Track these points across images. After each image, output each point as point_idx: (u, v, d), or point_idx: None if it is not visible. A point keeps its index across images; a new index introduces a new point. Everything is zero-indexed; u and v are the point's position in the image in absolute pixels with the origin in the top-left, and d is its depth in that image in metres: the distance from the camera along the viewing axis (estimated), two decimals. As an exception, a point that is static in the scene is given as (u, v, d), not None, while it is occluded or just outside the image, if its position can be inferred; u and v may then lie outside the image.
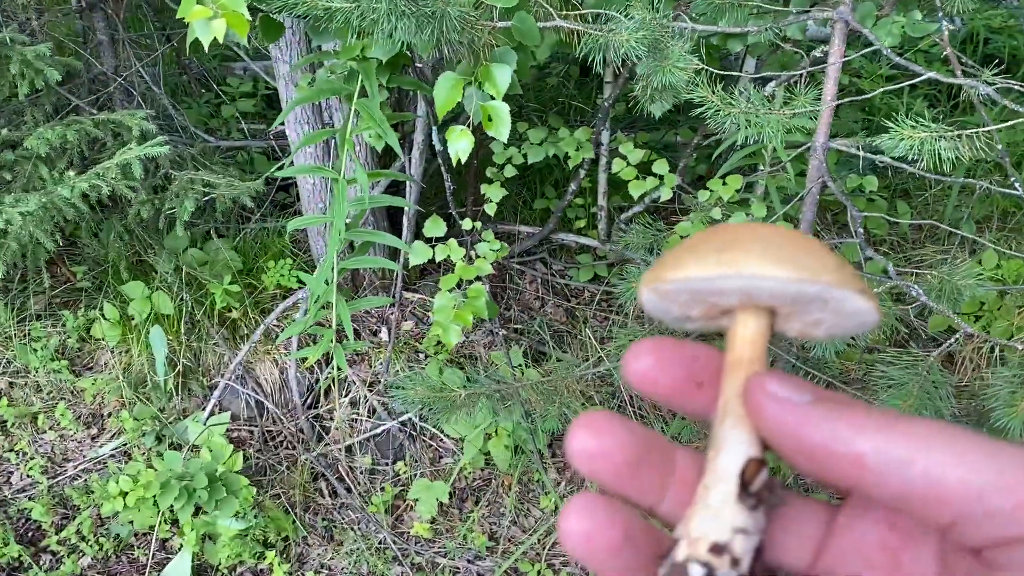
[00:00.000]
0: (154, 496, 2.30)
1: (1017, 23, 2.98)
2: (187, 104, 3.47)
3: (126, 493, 2.38)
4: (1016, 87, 1.61)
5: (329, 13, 1.63)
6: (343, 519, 2.65)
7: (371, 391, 2.87)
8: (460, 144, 1.71)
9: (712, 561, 0.43)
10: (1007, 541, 0.35)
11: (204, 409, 2.75)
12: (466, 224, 2.37)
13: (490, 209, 2.47)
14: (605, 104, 2.59)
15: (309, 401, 2.91)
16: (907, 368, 1.56)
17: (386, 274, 3.10)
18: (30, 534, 2.52)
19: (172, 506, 2.33)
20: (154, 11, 3.24)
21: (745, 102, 1.77)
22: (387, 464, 2.79)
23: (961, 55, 1.78)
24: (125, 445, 2.68)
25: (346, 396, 2.88)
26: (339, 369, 2.79)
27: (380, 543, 2.57)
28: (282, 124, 2.83)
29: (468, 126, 1.74)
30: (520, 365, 2.80)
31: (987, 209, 3.04)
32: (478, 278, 2.22)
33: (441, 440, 2.81)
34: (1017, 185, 1.85)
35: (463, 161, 1.72)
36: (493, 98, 1.72)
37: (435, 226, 2.29)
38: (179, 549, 2.44)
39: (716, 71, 1.86)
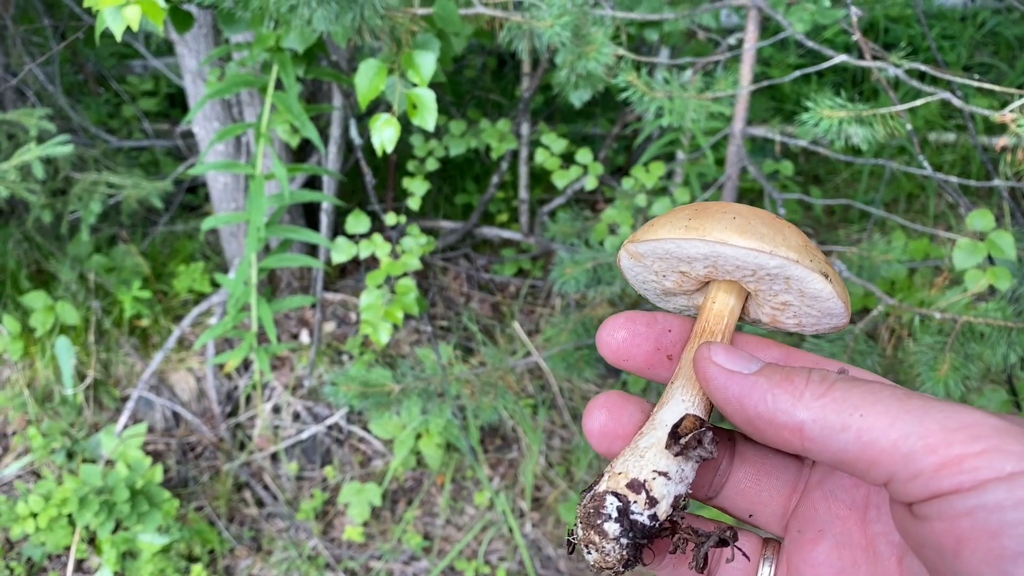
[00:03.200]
0: (69, 514, 2.17)
1: (914, 12, 3.10)
2: (85, 104, 3.30)
3: (36, 514, 2.24)
4: (923, 69, 1.67)
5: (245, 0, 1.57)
6: (271, 528, 2.56)
7: (294, 395, 2.78)
8: (385, 133, 1.66)
9: (628, 495, 0.46)
10: (932, 496, 0.37)
11: (117, 422, 2.61)
12: (390, 219, 2.32)
13: (414, 203, 2.42)
14: (525, 95, 2.58)
15: (229, 409, 2.80)
16: (834, 340, 1.59)
17: (304, 274, 3.01)
18: (-71, 565, 2.36)
19: (89, 524, 2.20)
20: (45, 7, 3.06)
21: (665, 85, 1.79)
22: (314, 470, 2.72)
23: (868, 41, 1.84)
24: (33, 464, 2.53)
25: (268, 402, 2.79)
26: (262, 373, 2.70)
27: (311, 550, 2.50)
28: (190, 122, 2.72)
29: (392, 115, 1.70)
30: (450, 360, 2.77)
31: (894, 192, 3.16)
32: (405, 274, 2.17)
33: (370, 443, 2.75)
34: (925, 163, 1.93)
35: (388, 151, 1.68)
36: (416, 86, 1.68)
37: (358, 221, 2.24)
38: (97, 569, 2.31)
39: (636, 58, 1.87)
